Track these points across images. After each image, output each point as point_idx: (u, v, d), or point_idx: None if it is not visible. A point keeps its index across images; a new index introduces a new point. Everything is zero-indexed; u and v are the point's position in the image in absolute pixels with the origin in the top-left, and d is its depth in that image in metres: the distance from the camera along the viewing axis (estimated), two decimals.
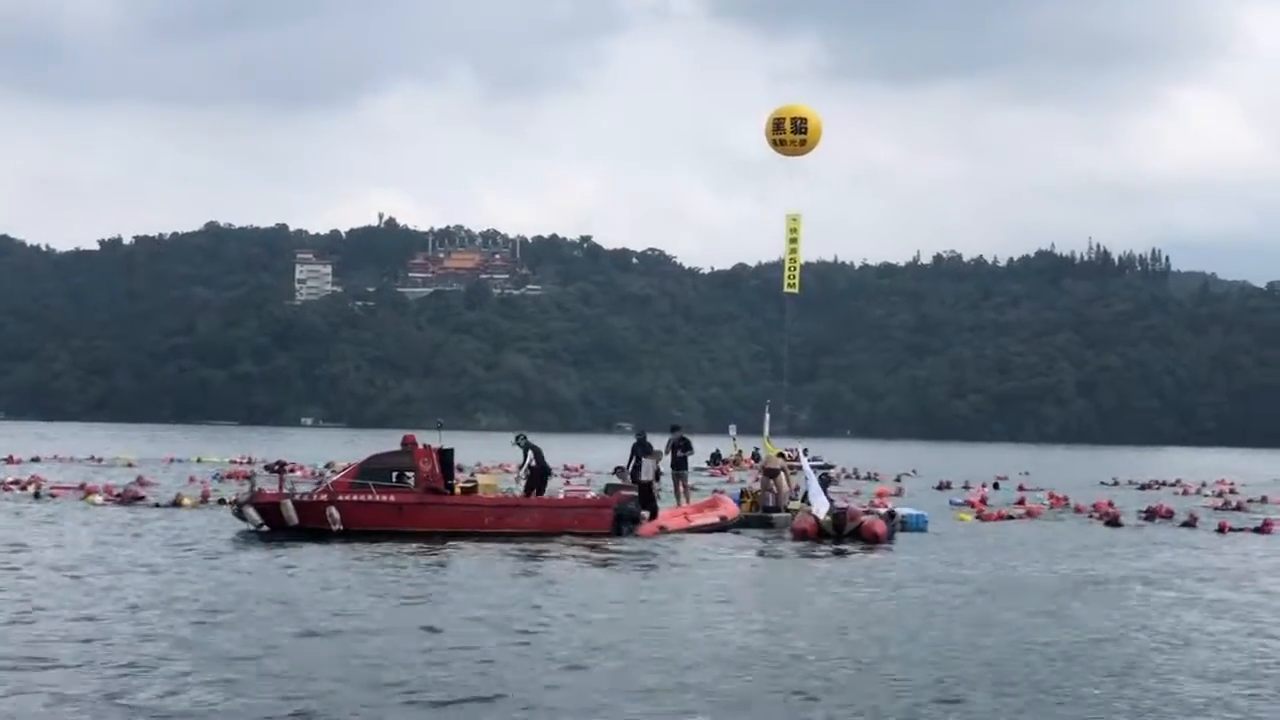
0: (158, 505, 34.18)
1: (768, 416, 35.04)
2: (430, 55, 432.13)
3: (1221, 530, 34.13)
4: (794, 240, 34.78)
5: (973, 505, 40.09)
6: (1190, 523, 35.75)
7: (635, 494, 29.59)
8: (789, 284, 35.11)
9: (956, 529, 32.55)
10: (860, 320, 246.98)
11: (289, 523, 26.52)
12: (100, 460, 60.44)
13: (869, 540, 27.68)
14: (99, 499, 34.94)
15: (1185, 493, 53.14)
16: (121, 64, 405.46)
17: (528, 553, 24.50)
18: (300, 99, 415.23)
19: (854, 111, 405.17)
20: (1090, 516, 37.01)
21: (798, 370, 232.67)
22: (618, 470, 32.30)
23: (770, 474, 32.47)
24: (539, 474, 29.51)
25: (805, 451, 38.95)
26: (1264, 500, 47.23)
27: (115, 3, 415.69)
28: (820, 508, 28.82)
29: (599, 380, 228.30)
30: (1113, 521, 35.29)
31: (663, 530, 28.68)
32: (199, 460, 62.58)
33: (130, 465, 55.84)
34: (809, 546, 27.08)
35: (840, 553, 26.23)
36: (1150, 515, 37.48)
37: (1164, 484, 59.24)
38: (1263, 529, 34.52)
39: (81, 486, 38.75)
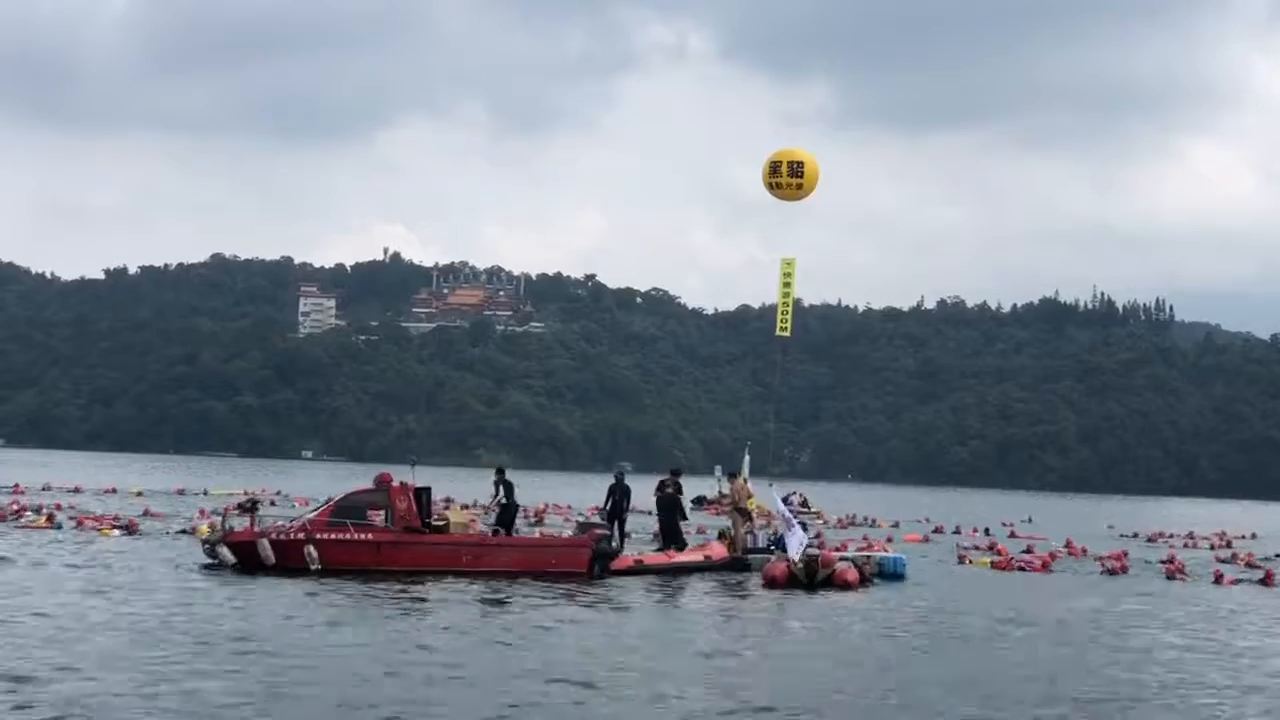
0: (167, 533, 34.05)
1: (747, 459, 34.70)
2: (442, 91, 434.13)
3: (1218, 581, 33.75)
4: (787, 285, 34.58)
5: (998, 551, 39.80)
6: (1173, 572, 35.56)
7: (609, 532, 29.54)
8: (781, 328, 34.86)
9: (931, 576, 32.00)
10: (863, 364, 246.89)
11: (266, 562, 25.98)
12: (114, 490, 60.34)
13: (841, 587, 27.38)
14: (114, 531, 34.78)
15: (1189, 545, 52.51)
16: (131, 94, 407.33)
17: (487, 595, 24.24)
18: (310, 132, 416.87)
19: (861, 156, 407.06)
20: (1104, 569, 36.28)
21: (799, 413, 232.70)
22: (599, 510, 32.37)
23: (743, 514, 32.17)
24: (508, 511, 29.36)
25: (805, 502, 38.81)
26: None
27: (126, 32, 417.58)
28: (794, 552, 28.58)
29: (601, 419, 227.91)
30: (1114, 573, 35.01)
31: (639, 564, 28.62)
32: (206, 493, 62.32)
33: (139, 495, 55.79)
34: (758, 596, 26.46)
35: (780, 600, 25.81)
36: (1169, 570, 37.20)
37: (1173, 535, 58.52)
38: (1265, 581, 34.19)
39: (97, 518, 38.79)
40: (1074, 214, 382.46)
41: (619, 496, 31.62)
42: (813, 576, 27.64)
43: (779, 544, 30.39)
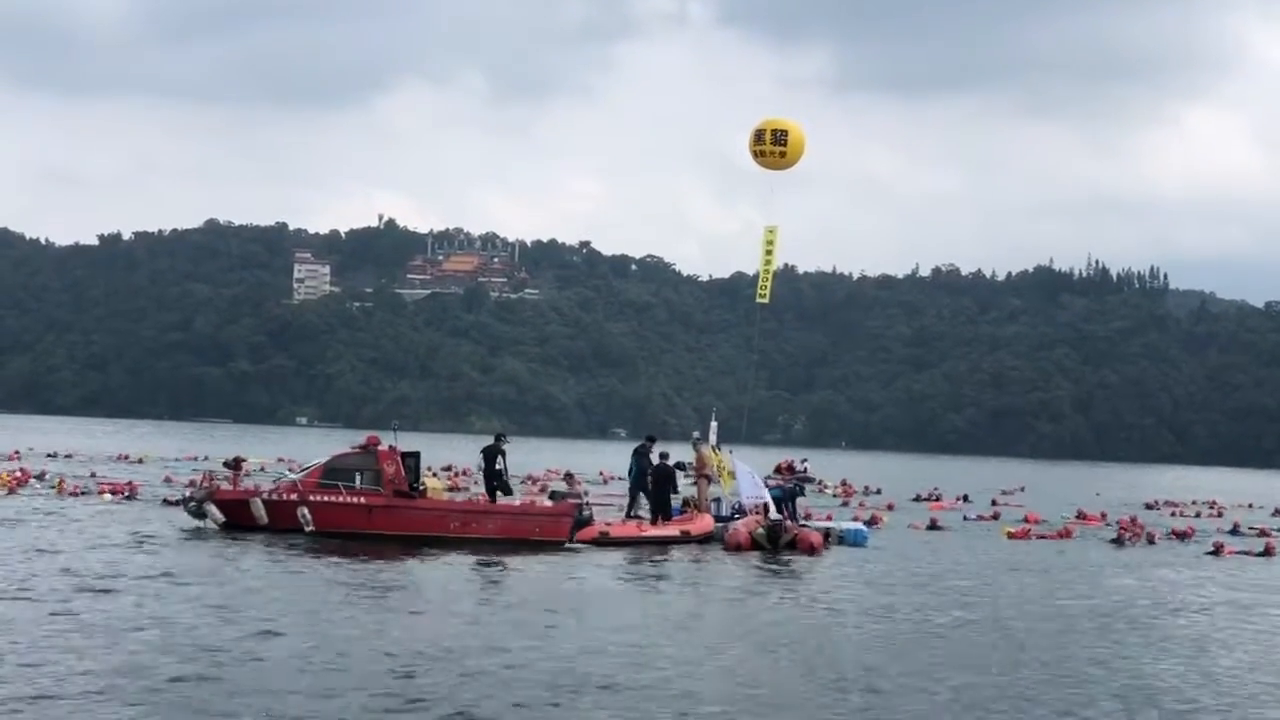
0: (165, 500, 34.05)
1: (714, 424, 34.31)
2: (441, 57, 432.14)
3: (1217, 551, 33.70)
4: (769, 252, 34.55)
5: (1027, 520, 39.94)
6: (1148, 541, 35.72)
7: (582, 500, 30.01)
8: (760, 294, 34.79)
9: (889, 543, 32.08)
10: (857, 331, 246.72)
11: (258, 521, 25.96)
12: (128, 458, 60.27)
13: (805, 553, 27.45)
14: (109, 497, 34.64)
15: (1177, 513, 52.87)
16: (128, 59, 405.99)
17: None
18: (306, 98, 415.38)
19: (859, 123, 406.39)
20: (1124, 537, 36.17)
21: (793, 380, 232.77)
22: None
23: (709, 480, 32.16)
24: (492, 478, 29.58)
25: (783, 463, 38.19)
26: None
27: None
28: (750, 500, 28.63)
29: (595, 386, 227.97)
30: (1117, 541, 35.07)
31: (603, 535, 28.57)
32: (206, 459, 62.21)
33: (140, 462, 55.79)
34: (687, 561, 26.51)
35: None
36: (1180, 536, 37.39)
37: (1170, 503, 58.56)
38: (1266, 552, 34.21)
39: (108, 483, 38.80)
40: (1071, 182, 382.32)
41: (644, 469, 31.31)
42: (776, 541, 27.81)
43: (741, 512, 30.44)
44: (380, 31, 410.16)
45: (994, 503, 50.58)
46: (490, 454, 29.67)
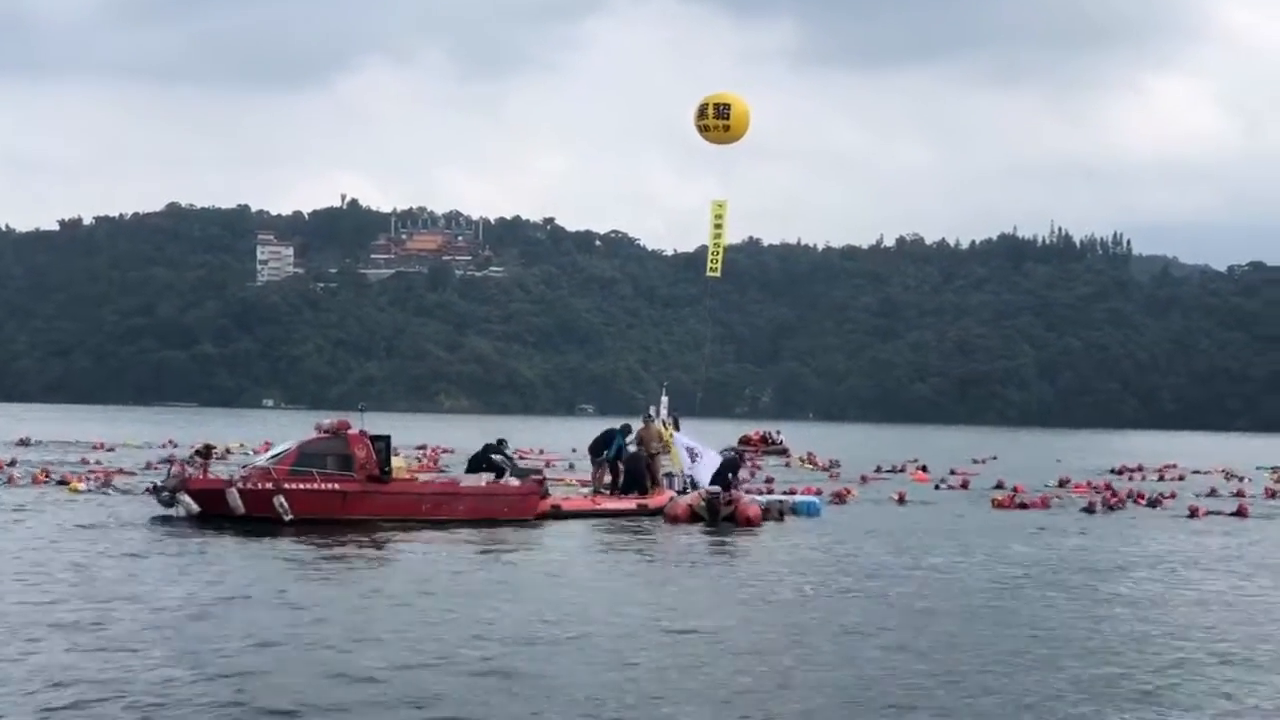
0: (148, 488, 33.64)
1: (665, 399, 34.27)
2: (403, 35, 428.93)
3: (1194, 514, 33.96)
4: (719, 227, 34.66)
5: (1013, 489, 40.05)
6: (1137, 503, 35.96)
7: (544, 478, 30.79)
8: (711, 268, 34.85)
9: (850, 517, 31.97)
10: (823, 303, 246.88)
11: (234, 511, 25.72)
12: (104, 445, 59.58)
13: (743, 525, 27.58)
14: (82, 486, 34.07)
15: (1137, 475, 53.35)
16: (86, 40, 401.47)
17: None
18: (267, 78, 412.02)
19: (823, 94, 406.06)
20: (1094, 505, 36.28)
21: (759, 352, 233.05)
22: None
23: (653, 455, 32.14)
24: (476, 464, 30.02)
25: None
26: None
27: None
28: (703, 478, 28.80)
29: (561, 362, 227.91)
30: (1089, 509, 35.22)
31: (555, 509, 28.86)
32: (175, 446, 61.55)
33: (111, 450, 55.09)
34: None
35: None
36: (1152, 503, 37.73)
37: (1140, 469, 58.69)
38: (1239, 513, 34.59)
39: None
40: (1034, 150, 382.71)
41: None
42: (715, 514, 27.97)
43: (695, 486, 30.48)
44: (344, 10, 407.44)
45: (953, 472, 50.39)
46: (486, 450, 30.24)
